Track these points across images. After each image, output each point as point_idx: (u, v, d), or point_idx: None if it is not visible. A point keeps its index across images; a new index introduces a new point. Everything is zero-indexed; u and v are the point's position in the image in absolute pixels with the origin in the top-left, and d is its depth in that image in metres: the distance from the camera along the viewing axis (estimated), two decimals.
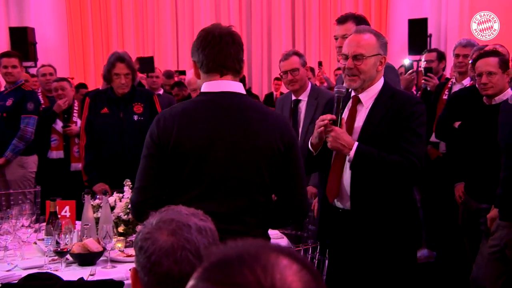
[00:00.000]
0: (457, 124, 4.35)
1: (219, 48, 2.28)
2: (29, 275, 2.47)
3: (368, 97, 2.97)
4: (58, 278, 2.42)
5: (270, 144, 2.27)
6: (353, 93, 3.03)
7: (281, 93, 11.88)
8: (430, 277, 5.19)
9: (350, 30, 3.24)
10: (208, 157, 2.23)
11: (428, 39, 10.12)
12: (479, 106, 3.92)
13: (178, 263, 1.35)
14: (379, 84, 2.98)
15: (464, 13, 10.89)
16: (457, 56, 5.23)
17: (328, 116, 2.89)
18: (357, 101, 3.01)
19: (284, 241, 3.50)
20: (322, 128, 2.88)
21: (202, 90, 2.34)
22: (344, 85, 3.02)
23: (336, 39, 3.58)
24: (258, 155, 2.26)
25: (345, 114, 3.03)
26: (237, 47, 2.31)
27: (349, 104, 3.03)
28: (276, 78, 12.13)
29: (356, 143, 2.85)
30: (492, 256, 3.44)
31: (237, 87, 2.34)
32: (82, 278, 2.50)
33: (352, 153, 2.84)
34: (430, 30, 10.21)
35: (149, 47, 13.31)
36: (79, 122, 5.77)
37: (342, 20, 3.59)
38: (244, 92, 2.37)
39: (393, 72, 3.66)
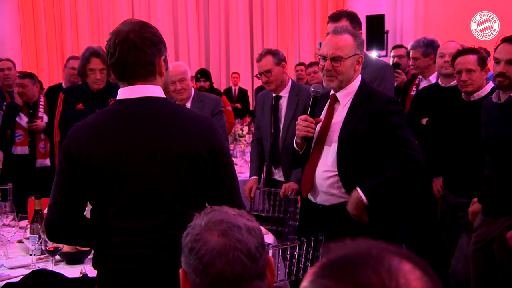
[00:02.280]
0: (424, 120, 4.45)
1: (116, 60, 2.10)
2: (34, 272, 2.42)
3: (345, 96, 3.06)
4: (61, 275, 2.39)
5: (190, 152, 2.08)
6: (331, 92, 3.12)
7: (240, 88, 11.93)
8: None
9: None
10: (122, 171, 2.06)
11: (385, 35, 10.31)
12: (457, 102, 4.01)
13: (231, 264, 1.34)
14: (356, 83, 3.07)
15: (419, 9, 11.14)
16: (412, 58, 5.34)
17: (309, 119, 3.00)
18: (335, 99, 3.10)
19: (270, 238, 3.51)
20: (308, 128, 2.98)
21: (117, 97, 2.18)
22: (323, 84, 3.11)
23: None
24: (177, 164, 2.07)
25: (323, 113, 3.13)
26: (138, 51, 2.08)
27: (327, 102, 3.12)
28: (234, 73, 12.18)
29: (357, 189, 2.93)
30: (477, 253, 3.51)
31: (153, 91, 2.15)
32: (86, 274, 2.46)
33: (364, 199, 2.91)
34: (387, 26, 10.39)
35: (105, 40, 13.00)
36: (45, 117, 5.64)
37: (335, 18, 3.62)
38: (162, 95, 2.17)
39: (391, 72, 3.73)
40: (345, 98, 3.06)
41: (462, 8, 8.56)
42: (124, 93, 2.15)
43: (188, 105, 4.53)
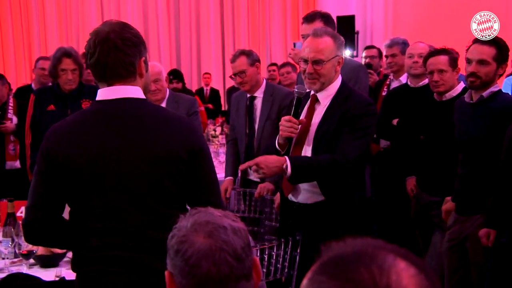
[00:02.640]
0: (395, 121, 4.50)
1: (96, 59, 2.08)
2: (10, 275, 2.38)
3: (325, 97, 3.10)
4: (38, 279, 2.35)
5: (170, 152, 2.07)
6: (312, 92, 3.14)
7: (212, 88, 11.91)
8: None
9: None
10: (101, 172, 2.05)
11: (356, 36, 10.40)
12: (429, 102, 4.06)
13: (217, 265, 1.34)
14: (336, 84, 3.11)
15: (388, 10, 11.26)
16: (386, 57, 5.39)
17: (293, 119, 3.02)
18: (315, 100, 3.13)
19: None
20: (292, 129, 3.00)
21: (96, 98, 2.17)
22: (305, 86, 3.13)
23: (304, 38, 3.62)
24: (157, 165, 2.06)
25: (303, 113, 3.15)
26: (119, 52, 2.07)
27: (308, 102, 3.15)
28: (206, 73, 12.15)
29: (286, 157, 2.95)
30: (450, 250, 3.56)
31: (133, 92, 2.13)
32: (63, 278, 2.43)
33: (289, 169, 2.91)
34: (357, 27, 10.48)
35: (73, 40, 12.90)
36: (14, 119, 5.56)
37: (309, 19, 3.64)
38: (142, 96, 2.16)
39: (365, 72, 3.77)
40: (325, 98, 3.09)
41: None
42: (104, 93, 2.14)
43: (163, 105, 4.50)
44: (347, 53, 9.56)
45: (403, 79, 5.17)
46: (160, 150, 2.07)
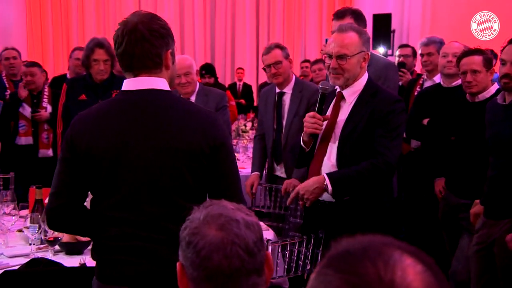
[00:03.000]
0: (425, 121, 4.44)
1: (124, 49, 2.09)
2: (32, 260, 2.43)
3: (351, 94, 3.07)
4: (59, 264, 2.39)
5: (192, 146, 2.07)
6: (337, 89, 3.11)
7: (244, 83, 11.92)
8: None
9: None
10: (122, 161, 2.06)
11: (392, 34, 10.29)
12: (461, 103, 3.99)
13: (228, 258, 1.33)
14: (362, 81, 3.07)
15: (426, 9, 11.12)
16: (421, 55, 5.32)
17: (317, 116, 3.00)
18: (341, 97, 3.11)
19: (270, 234, 3.50)
20: (316, 125, 2.99)
21: (122, 88, 2.17)
22: (329, 83, 3.11)
23: None
24: (178, 158, 2.06)
25: (329, 110, 3.12)
26: (146, 43, 2.08)
27: (334, 100, 3.12)
28: (239, 68, 12.16)
29: (324, 175, 2.94)
30: (477, 254, 3.49)
31: (158, 83, 2.13)
32: (84, 264, 2.46)
33: (329, 186, 2.90)
34: (393, 25, 10.38)
35: (110, 32, 13.01)
36: (49, 107, 5.65)
37: (340, 16, 3.62)
38: (167, 88, 2.17)
39: (394, 70, 3.72)
40: (351, 96, 3.07)
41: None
42: (129, 84, 2.15)
43: (193, 99, 4.52)
44: (380, 50, 9.49)
45: (437, 79, 5.10)
46: (181, 143, 2.07)
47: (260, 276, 1.39)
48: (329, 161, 3.04)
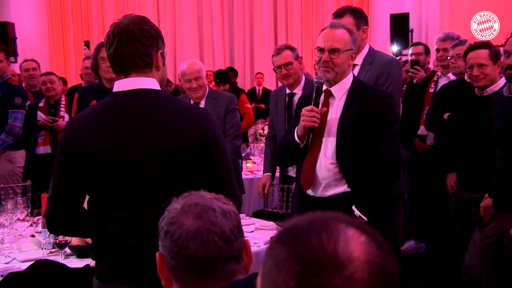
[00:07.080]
0: (446, 115, 4.41)
1: (114, 49, 2.13)
2: (37, 262, 2.47)
3: (339, 90, 3.12)
4: (63, 266, 2.44)
5: (185, 142, 2.11)
6: (324, 87, 3.14)
7: (264, 88, 11.95)
8: (421, 267, 5.25)
9: (348, 23, 3.33)
10: (116, 161, 2.09)
11: (410, 34, 10.24)
12: (470, 97, 3.96)
13: (205, 246, 1.36)
14: (349, 78, 3.15)
15: (444, 8, 11.03)
16: (437, 50, 5.29)
17: (315, 109, 3.02)
18: (329, 94, 3.15)
19: None
20: (315, 118, 3.00)
21: (113, 90, 2.21)
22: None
23: None
24: (172, 155, 2.10)
25: (319, 107, 3.14)
26: (137, 42, 2.12)
27: (321, 98, 3.14)
28: (259, 73, 12.20)
29: (353, 208, 2.99)
30: (487, 247, 3.46)
31: (148, 83, 2.17)
32: (88, 265, 2.50)
33: (362, 216, 2.96)
34: (411, 25, 10.32)
35: None
36: (66, 116, 5.75)
37: (339, 14, 3.63)
38: (158, 88, 2.20)
39: (398, 66, 3.72)
40: (339, 92, 3.12)
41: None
42: (120, 85, 2.19)
43: (203, 102, 4.56)
44: (393, 49, 9.44)
45: (451, 75, 5.07)
46: (174, 140, 2.10)
47: (238, 263, 1.41)
48: (326, 157, 3.06)
